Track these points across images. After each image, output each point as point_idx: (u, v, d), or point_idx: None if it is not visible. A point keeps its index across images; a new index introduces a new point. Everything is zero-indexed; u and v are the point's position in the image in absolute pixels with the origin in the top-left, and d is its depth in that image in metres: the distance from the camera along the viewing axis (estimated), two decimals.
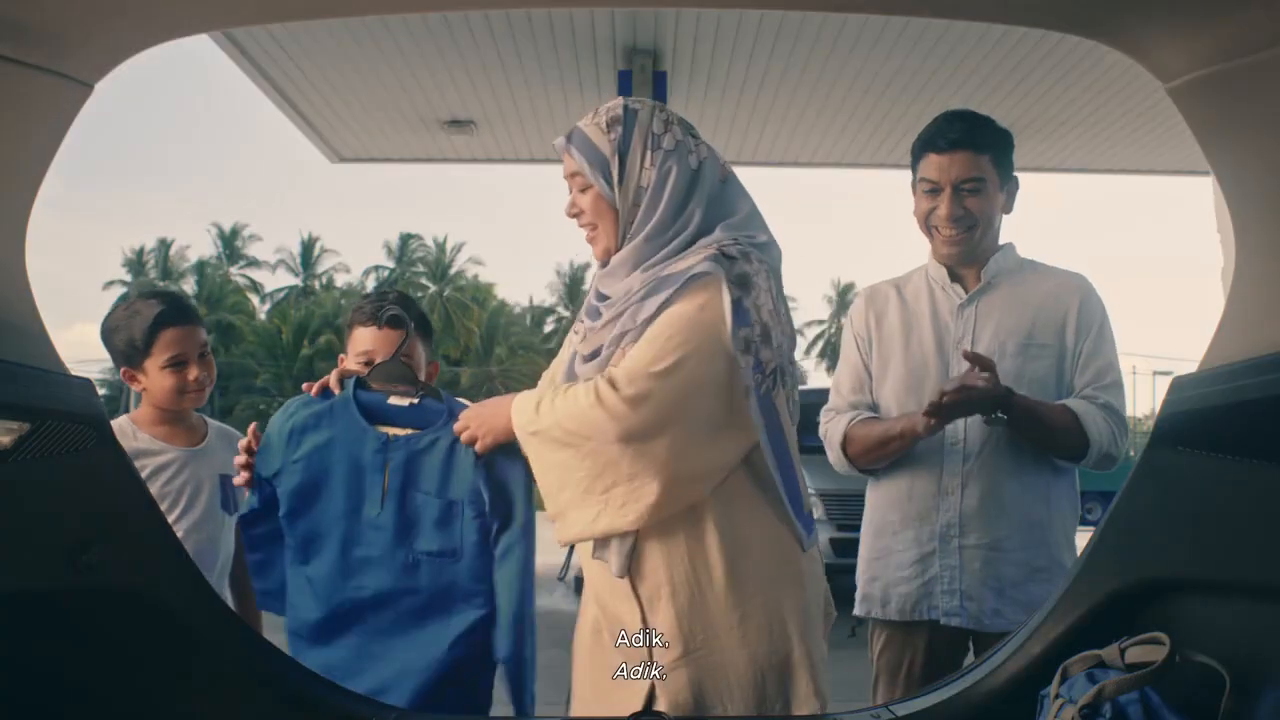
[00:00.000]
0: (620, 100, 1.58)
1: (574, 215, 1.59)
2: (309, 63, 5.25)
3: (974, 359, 1.78)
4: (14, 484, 1.24)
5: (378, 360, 1.84)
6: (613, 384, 1.43)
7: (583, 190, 1.56)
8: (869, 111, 5.82)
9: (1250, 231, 1.27)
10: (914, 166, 1.99)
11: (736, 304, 1.43)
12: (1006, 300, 1.95)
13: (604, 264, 1.58)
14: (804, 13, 4.28)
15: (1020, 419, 1.82)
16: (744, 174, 1.49)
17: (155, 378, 2.07)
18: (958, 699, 1.46)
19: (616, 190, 1.53)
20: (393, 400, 1.70)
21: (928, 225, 1.96)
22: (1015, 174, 1.99)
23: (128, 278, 45.01)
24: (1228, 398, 1.24)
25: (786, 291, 1.58)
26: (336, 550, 1.68)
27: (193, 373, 2.08)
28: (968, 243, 1.94)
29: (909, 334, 1.97)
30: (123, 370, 2.09)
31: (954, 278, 1.99)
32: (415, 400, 1.69)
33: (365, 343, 1.93)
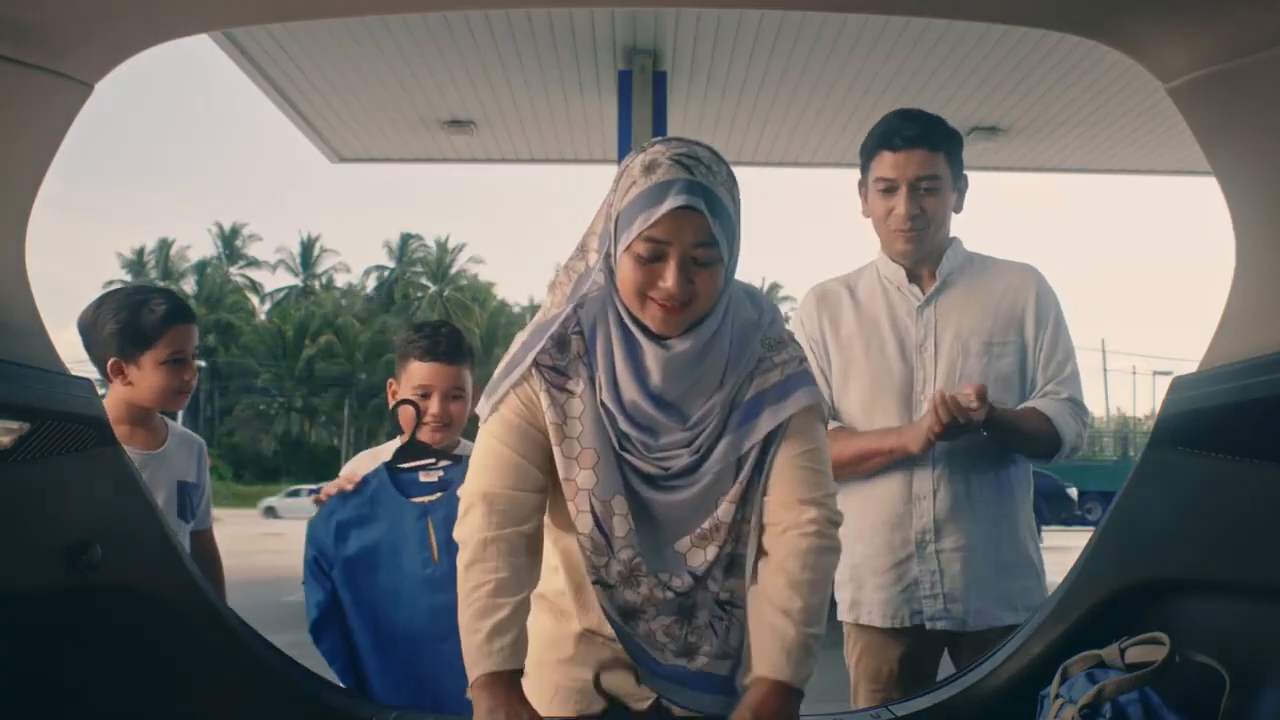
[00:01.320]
0: (706, 148, 1.33)
1: (686, 299, 1.29)
2: (309, 63, 5.25)
3: (963, 396, 1.77)
4: (14, 484, 1.24)
5: (434, 393, 2.03)
6: (833, 523, 1.35)
7: (706, 264, 1.28)
8: (869, 111, 5.81)
9: (1250, 231, 1.27)
10: (865, 165, 1.97)
11: None
12: (964, 299, 1.95)
13: (669, 333, 1.33)
14: (804, 13, 4.27)
15: (1003, 432, 1.83)
16: (744, 174, 1.43)
17: (150, 373, 1.99)
18: (958, 699, 1.46)
19: (727, 265, 1.31)
20: (423, 477, 1.94)
21: (884, 224, 1.96)
22: (965, 174, 1.99)
23: (128, 278, 45.01)
24: (1228, 398, 1.24)
25: (786, 292, 1.56)
26: (405, 617, 1.88)
27: (188, 372, 2.03)
28: (922, 241, 1.93)
29: (869, 338, 1.94)
30: (111, 362, 1.98)
31: (910, 277, 1.98)
32: (441, 473, 1.93)
33: (422, 376, 2.04)
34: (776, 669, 1.27)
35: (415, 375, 2.04)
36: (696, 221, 1.26)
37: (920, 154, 1.89)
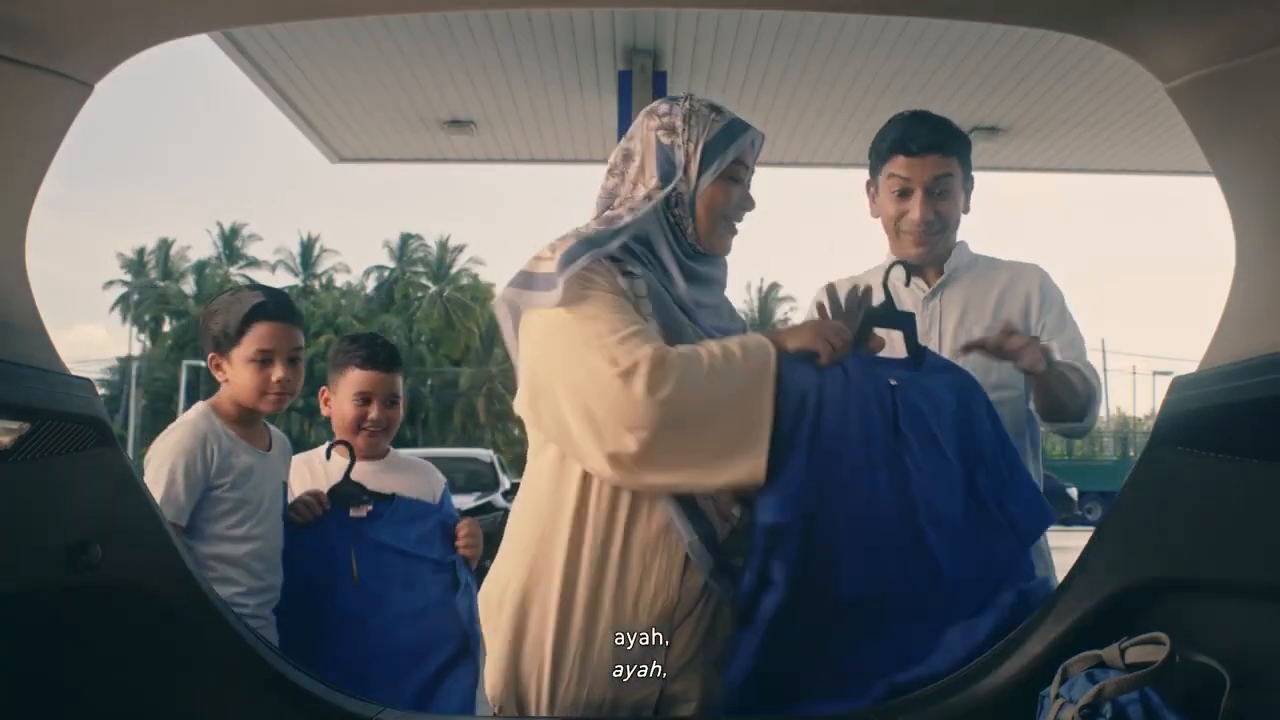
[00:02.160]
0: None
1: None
2: (309, 63, 5.24)
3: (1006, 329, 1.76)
4: (14, 484, 1.24)
5: (374, 399, 2.21)
6: None
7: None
8: (869, 111, 5.81)
9: (1250, 231, 1.27)
10: (876, 167, 2.00)
11: None
12: (968, 292, 1.99)
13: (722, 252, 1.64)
14: (804, 13, 4.27)
15: (1052, 380, 1.81)
16: None
17: (239, 370, 2.00)
18: (958, 699, 1.46)
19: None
20: (353, 513, 2.14)
21: (896, 227, 1.98)
22: (972, 175, 2.02)
23: (128, 278, 45.03)
24: (1228, 398, 1.24)
25: (786, 291, 1.63)
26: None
27: (277, 373, 2.00)
28: (936, 244, 1.98)
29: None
30: (210, 356, 2.04)
31: (915, 275, 2.00)
32: (369, 509, 2.14)
33: (362, 384, 2.21)
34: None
35: (355, 383, 2.20)
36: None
37: (935, 158, 1.92)
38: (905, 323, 1.68)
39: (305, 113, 5.96)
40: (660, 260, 1.54)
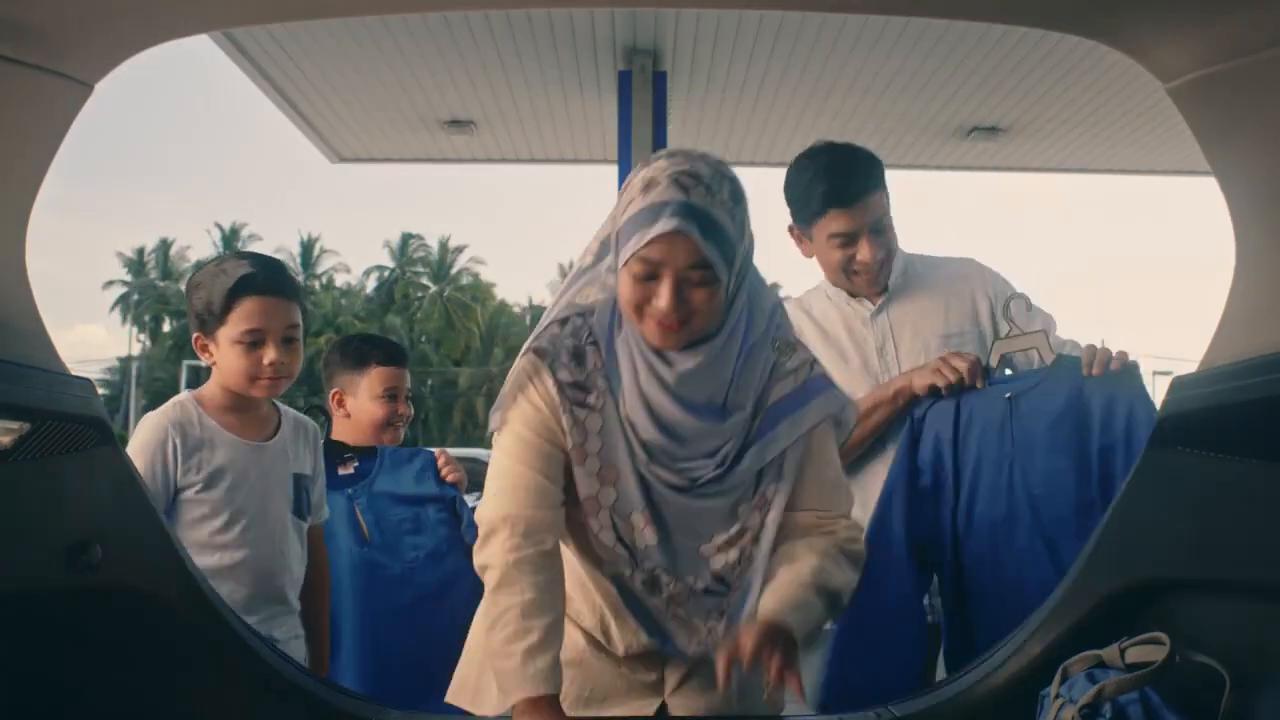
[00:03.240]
0: (714, 162, 1.31)
1: (683, 317, 1.28)
2: (309, 63, 5.24)
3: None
4: (14, 484, 1.24)
5: (400, 395, 2.26)
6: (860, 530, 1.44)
7: (700, 285, 1.27)
8: (869, 111, 5.81)
9: (1250, 232, 1.27)
10: (806, 218, 1.91)
11: None
12: (914, 300, 1.96)
13: (670, 348, 1.32)
14: (804, 13, 4.27)
15: None
16: (744, 174, 1.43)
17: (226, 352, 1.75)
18: (958, 699, 1.46)
19: (731, 282, 1.30)
20: (341, 471, 2.16)
21: (844, 270, 1.93)
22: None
23: (128, 278, 45.03)
24: (1228, 398, 1.24)
25: (785, 291, 1.57)
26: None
27: (269, 355, 1.74)
28: (884, 273, 1.94)
29: (829, 354, 1.91)
30: (195, 337, 1.78)
31: (855, 296, 1.98)
32: (357, 464, 2.18)
33: (389, 380, 2.26)
34: (775, 613, 1.26)
35: (382, 379, 2.26)
36: (689, 245, 1.23)
37: (871, 199, 1.87)
38: (1036, 342, 1.83)
39: (305, 113, 5.96)
40: (634, 362, 1.35)
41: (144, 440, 1.74)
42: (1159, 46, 1.22)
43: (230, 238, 46.07)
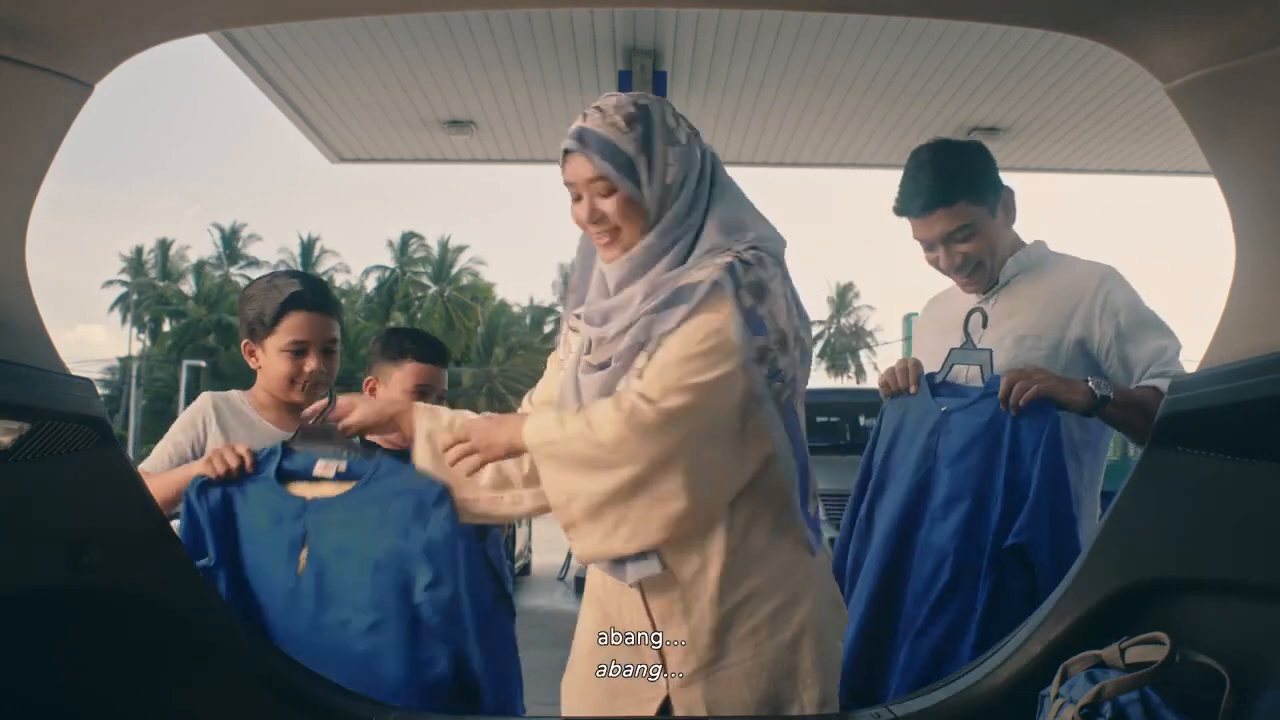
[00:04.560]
0: (626, 96, 1.50)
1: (596, 221, 1.47)
2: (309, 63, 5.24)
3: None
4: (14, 484, 1.24)
5: (432, 394, 2.12)
6: (646, 399, 1.38)
7: (606, 195, 1.46)
8: (869, 111, 5.81)
9: (1250, 232, 1.27)
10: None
11: (750, 313, 1.39)
12: (1017, 297, 1.96)
13: (610, 260, 1.50)
14: (804, 13, 4.27)
15: (1126, 413, 1.78)
16: (744, 174, 1.48)
17: (272, 359, 1.96)
18: (958, 699, 1.46)
19: (645, 190, 1.45)
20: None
21: (938, 269, 2.01)
22: (1002, 184, 1.97)
23: (128, 278, 45.01)
24: (1228, 398, 1.24)
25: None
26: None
27: (310, 364, 1.96)
28: (979, 276, 1.98)
29: (941, 335, 2.01)
30: (244, 343, 2.00)
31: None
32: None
33: (423, 377, 2.16)
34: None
35: (415, 374, 2.18)
36: (580, 163, 1.46)
37: (940, 215, 1.92)
38: (981, 360, 1.87)
39: (305, 113, 5.96)
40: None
41: (189, 410, 1.96)
42: (1159, 46, 1.22)
43: (230, 238, 46.07)
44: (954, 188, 1.90)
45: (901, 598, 1.80)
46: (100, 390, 1.54)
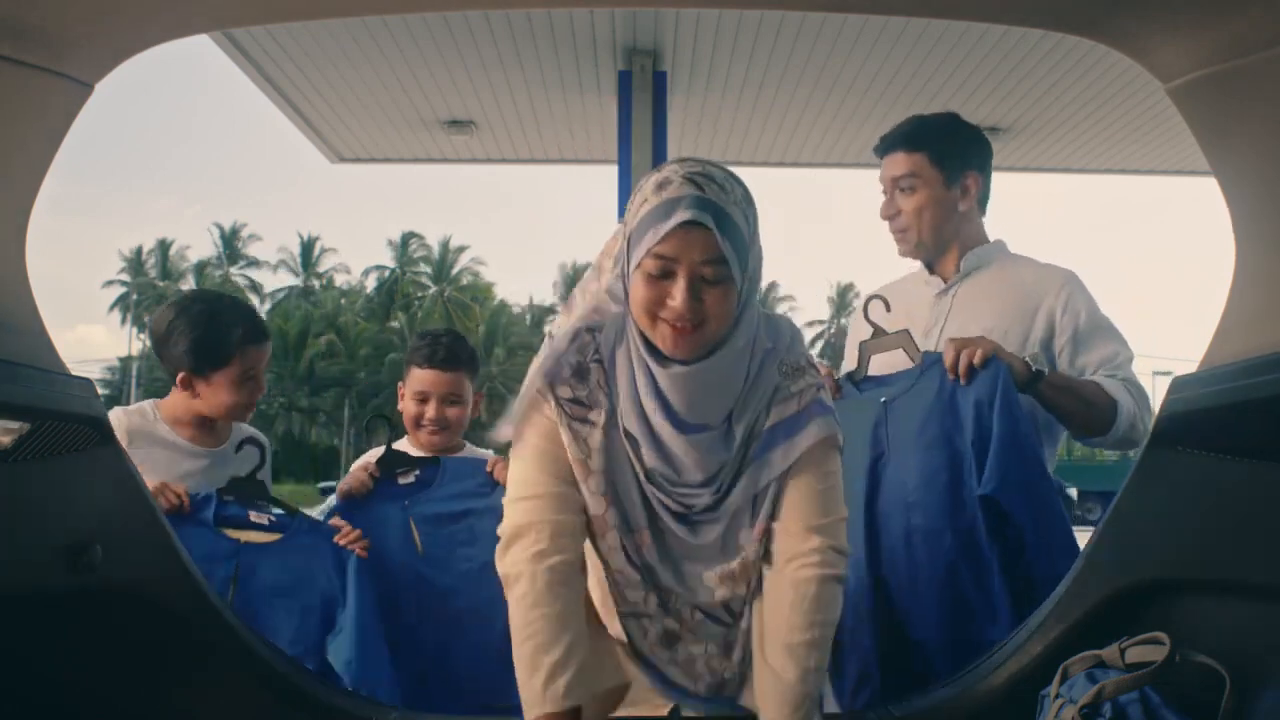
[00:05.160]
0: (726, 168, 1.31)
1: (697, 318, 1.26)
2: (309, 63, 5.24)
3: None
4: (14, 484, 1.24)
5: (431, 398, 2.18)
6: (837, 551, 1.33)
7: (716, 283, 1.25)
8: (869, 111, 5.81)
9: (1250, 232, 1.27)
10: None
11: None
12: (980, 290, 1.97)
13: (681, 355, 1.29)
14: (804, 13, 4.27)
15: (1053, 394, 1.79)
16: (744, 174, 1.43)
17: (222, 390, 1.99)
18: (958, 699, 1.46)
19: (739, 286, 1.28)
20: (401, 480, 2.07)
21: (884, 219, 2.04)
22: (979, 171, 1.99)
23: (128, 278, 45.01)
24: (1228, 398, 1.24)
25: (786, 291, 1.57)
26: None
27: (258, 390, 2.03)
28: (909, 241, 1.99)
29: (891, 319, 1.94)
30: (181, 376, 1.98)
31: (934, 272, 2.03)
32: (418, 473, 2.02)
33: (420, 382, 2.19)
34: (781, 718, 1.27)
35: (415, 381, 2.20)
36: (705, 238, 1.22)
37: (897, 156, 1.97)
38: (900, 341, 1.83)
39: (305, 113, 5.95)
40: (633, 377, 1.34)
41: None
42: (1159, 46, 1.22)
43: (230, 238, 46.08)
44: (919, 140, 1.96)
45: (910, 587, 1.74)
46: (100, 390, 1.56)
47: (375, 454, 2.18)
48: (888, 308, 1.88)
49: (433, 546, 2.06)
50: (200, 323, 1.98)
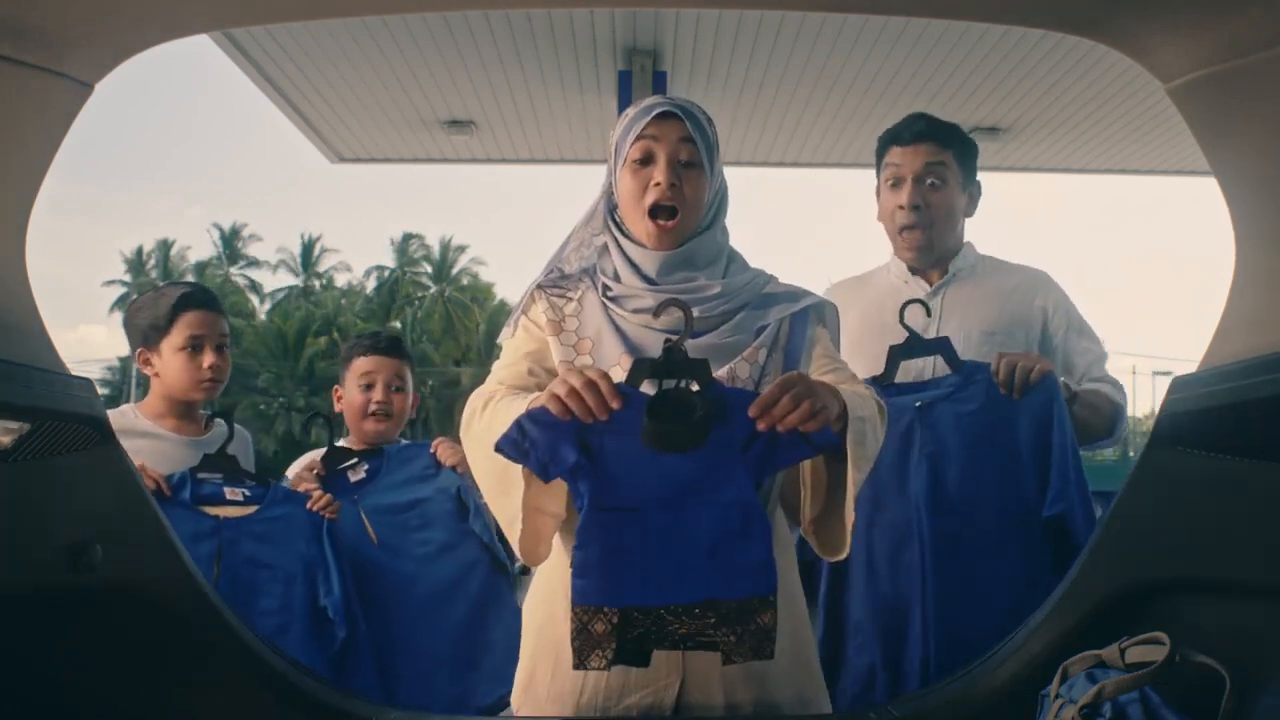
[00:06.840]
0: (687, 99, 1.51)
1: (671, 186, 1.42)
2: (309, 63, 5.24)
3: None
4: (14, 484, 1.24)
5: (378, 382, 2.24)
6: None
7: (690, 166, 1.43)
8: (869, 111, 5.81)
9: (1250, 232, 1.27)
10: (878, 166, 2.00)
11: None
12: (971, 292, 1.96)
13: (664, 248, 1.45)
14: (804, 13, 4.27)
15: (1079, 408, 1.81)
16: (744, 174, 1.52)
17: (170, 360, 2.05)
18: (958, 699, 1.46)
19: (710, 182, 1.46)
20: (352, 477, 2.14)
21: (892, 221, 1.97)
22: (979, 180, 2.00)
23: (128, 278, 45.01)
24: (1228, 398, 1.24)
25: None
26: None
27: (208, 359, 2.05)
28: (926, 239, 1.94)
29: (873, 326, 1.93)
30: (139, 353, 2.08)
31: (916, 273, 2.01)
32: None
33: (366, 367, 2.25)
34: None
35: (359, 368, 2.27)
36: (679, 126, 1.42)
37: (928, 147, 1.92)
38: (938, 348, 1.81)
39: (305, 113, 5.96)
40: (609, 269, 1.49)
41: None
42: (1159, 46, 1.22)
43: (230, 238, 46.08)
44: (950, 138, 1.95)
45: (964, 595, 1.70)
46: (100, 390, 1.58)
47: (318, 454, 2.21)
48: (929, 312, 1.86)
49: (387, 536, 2.11)
50: (149, 299, 2.11)
